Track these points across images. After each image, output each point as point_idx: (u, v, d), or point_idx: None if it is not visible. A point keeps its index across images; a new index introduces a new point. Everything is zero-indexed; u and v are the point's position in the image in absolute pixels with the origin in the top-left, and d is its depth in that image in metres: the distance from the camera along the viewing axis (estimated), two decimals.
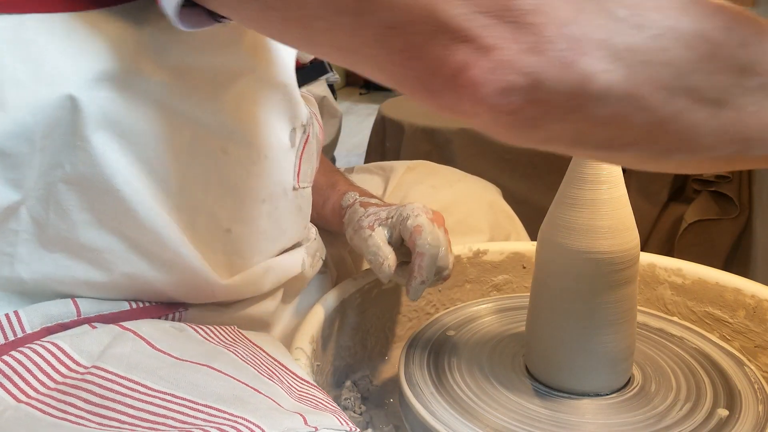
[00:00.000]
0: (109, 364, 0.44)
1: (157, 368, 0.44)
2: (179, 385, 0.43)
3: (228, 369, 0.46)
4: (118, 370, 0.43)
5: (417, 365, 0.59)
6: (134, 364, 0.44)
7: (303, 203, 0.62)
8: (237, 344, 0.51)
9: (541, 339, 0.57)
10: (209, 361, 0.46)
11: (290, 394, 0.46)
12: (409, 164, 0.92)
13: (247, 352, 0.50)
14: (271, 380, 0.47)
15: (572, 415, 0.53)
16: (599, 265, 0.53)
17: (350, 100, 4.54)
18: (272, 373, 0.49)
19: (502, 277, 0.78)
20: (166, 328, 0.49)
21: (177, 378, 0.43)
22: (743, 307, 0.67)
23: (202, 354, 0.47)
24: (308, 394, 0.47)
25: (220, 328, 0.52)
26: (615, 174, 0.53)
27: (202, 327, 0.51)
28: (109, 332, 0.48)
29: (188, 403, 0.41)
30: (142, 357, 0.45)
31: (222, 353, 0.48)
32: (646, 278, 0.73)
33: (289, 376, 0.50)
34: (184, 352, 0.47)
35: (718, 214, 1.30)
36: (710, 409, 0.54)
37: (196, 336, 0.50)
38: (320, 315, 0.63)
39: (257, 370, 0.48)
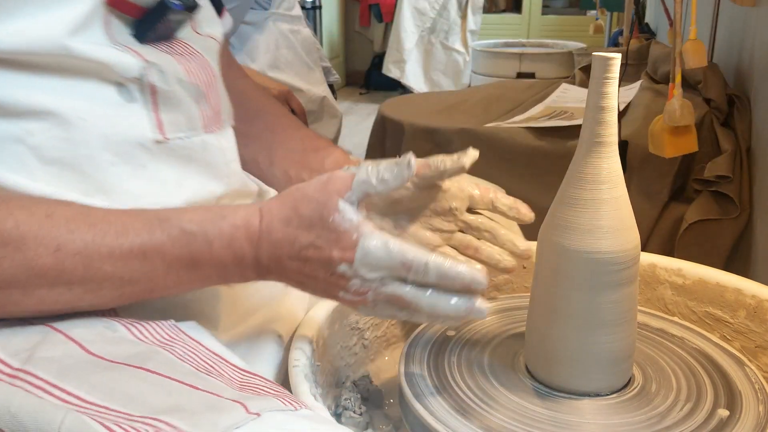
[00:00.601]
0: (39, 368, 0.44)
1: (90, 374, 0.44)
2: (113, 395, 0.42)
3: (164, 368, 0.45)
4: (48, 377, 0.43)
5: (417, 365, 0.59)
6: (66, 370, 0.44)
7: (196, 153, 0.59)
8: (174, 342, 0.50)
9: (541, 339, 0.57)
10: (144, 362, 0.46)
11: (231, 386, 0.46)
12: None
13: (185, 349, 0.50)
14: (209, 375, 0.47)
15: (572, 415, 0.53)
16: (599, 265, 0.53)
17: (350, 100, 4.54)
18: (211, 368, 0.48)
19: (502, 277, 0.78)
20: (99, 330, 0.49)
21: (111, 387, 0.43)
22: (744, 307, 0.67)
23: (136, 355, 0.47)
24: (250, 384, 0.47)
25: (155, 325, 0.51)
26: (615, 174, 0.53)
27: (136, 325, 0.51)
28: (39, 332, 0.48)
29: (123, 416, 0.41)
30: (73, 362, 0.45)
31: (157, 353, 0.48)
32: (647, 278, 0.73)
33: (230, 368, 0.50)
34: (117, 354, 0.46)
35: (719, 214, 1.30)
36: (711, 410, 0.54)
37: (129, 336, 0.50)
38: (320, 315, 0.63)
39: (195, 366, 0.48)
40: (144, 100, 0.56)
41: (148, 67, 0.55)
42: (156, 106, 0.57)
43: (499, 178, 1.06)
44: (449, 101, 1.97)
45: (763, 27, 1.27)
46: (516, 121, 1.70)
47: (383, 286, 0.50)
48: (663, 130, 1.14)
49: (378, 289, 0.50)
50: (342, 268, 0.49)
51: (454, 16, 4.01)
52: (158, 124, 0.57)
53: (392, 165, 0.51)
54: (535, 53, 3.25)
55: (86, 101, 0.53)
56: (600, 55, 0.51)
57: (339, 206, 0.49)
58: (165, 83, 0.57)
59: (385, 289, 0.50)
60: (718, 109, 1.37)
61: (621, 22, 2.84)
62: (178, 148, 0.58)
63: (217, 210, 0.52)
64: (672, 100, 1.11)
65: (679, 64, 1.11)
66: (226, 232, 0.51)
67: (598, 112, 0.52)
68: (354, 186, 0.50)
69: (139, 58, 0.55)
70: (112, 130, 0.54)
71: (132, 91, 0.55)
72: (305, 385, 0.52)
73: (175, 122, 0.58)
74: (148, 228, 0.49)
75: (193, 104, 0.59)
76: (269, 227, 0.51)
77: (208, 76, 0.62)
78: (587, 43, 3.39)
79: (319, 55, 1.80)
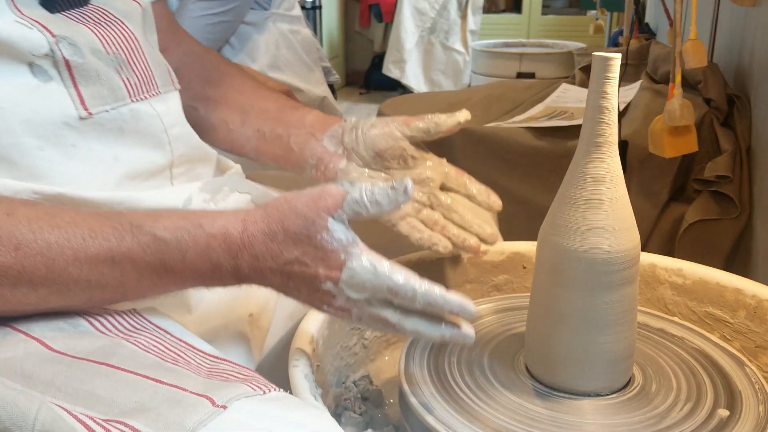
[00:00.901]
0: (4, 374, 0.44)
1: (55, 375, 0.43)
2: (78, 397, 0.42)
3: (127, 363, 0.45)
4: (15, 385, 0.43)
5: (417, 365, 0.59)
6: (29, 373, 0.44)
7: (128, 124, 0.58)
8: (137, 332, 0.50)
9: (541, 339, 0.57)
10: (106, 358, 0.45)
11: (198, 373, 0.46)
12: None
13: (150, 339, 0.49)
14: (175, 364, 0.46)
15: (572, 415, 0.53)
16: (599, 265, 0.53)
17: (350, 100, 4.54)
18: (177, 356, 0.48)
19: (502, 277, 0.78)
20: (60, 326, 0.49)
21: (76, 387, 0.43)
22: (744, 307, 0.67)
23: (99, 349, 0.46)
24: (218, 369, 0.47)
25: (118, 315, 0.51)
26: (615, 174, 0.53)
27: (98, 318, 0.50)
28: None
29: (89, 420, 0.40)
30: (36, 361, 0.45)
31: (121, 346, 0.47)
32: (647, 278, 0.73)
33: (198, 355, 0.49)
34: (80, 349, 0.46)
35: (719, 214, 1.30)
36: (711, 410, 0.54)
37: (91, 329, 0.49)
38: (320, 315, 0.63)
39: (160, 357, 0.47)
40: (60, 77, 0.54)
41: (58, 41, 0.54)
42: (74, 81, 0.55)
43: (499, 178, 1.07)
44: (449, 101, 1.97)
45: (763, 27, 1.27)
46: (516, 121, 1.69)
47: (369, 306, 0.49)
48: (663, 130, 1.14)
49: (363, 308, 0.49)
50: (327, 286, 0.49)
51: (454, 16, 4.01)
52: (80, 100, 0.55)
53: (388, 188, 0.49)
54: (535, 53, 3.25)
55: (0, 89, 0.52)
56: (600, 55, 0.51)
57: (328, 225, 0.48)
58: (79, 56, 0.55)
59: (371, 309, 0.49)
60: (718, 109, 1.37)
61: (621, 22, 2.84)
62: (106, 121, 0.56)
63: (195, 217, 0.50)
64: (672, 100, 1.11)
65: (679, 64, 1.11)
66: (202, 242, 0.49)
67: (598, 112, 0.52)
68: (345, 205, 0.48)
69: (47, 32, 0.53)
70: (34, 115, 0.53)
71: (47, 70, 0.54)
72: (305, 385, 0.52)
73: (97, 95, 0.56)
74: (118, 233, 0.48)
75: (114, 74, 0.57)
76: (252, 239, 0.49)
77: (129, 42, 0.59)
78: (587, 43, 3.38)
79: (319, 55, 1.79)
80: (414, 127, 0.68)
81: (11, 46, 0.52)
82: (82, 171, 0.55)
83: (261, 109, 0.76)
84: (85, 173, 0.55)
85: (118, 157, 0.57)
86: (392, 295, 0.48)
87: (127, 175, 0.57)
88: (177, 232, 0.49)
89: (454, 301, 0.48)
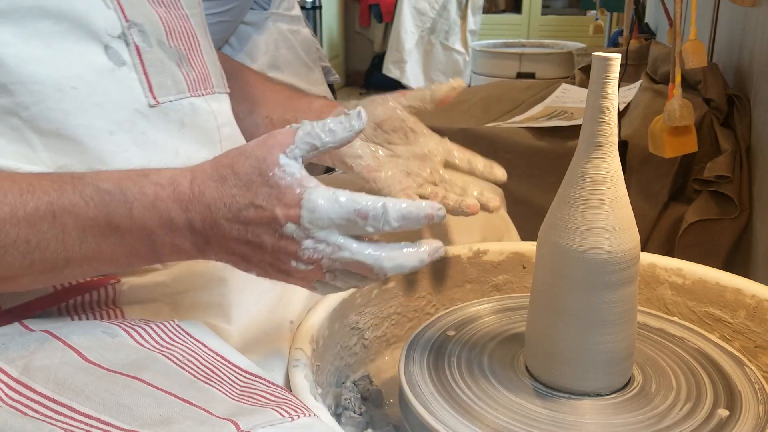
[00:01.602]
0: (36, 380, 0.43)
1: (85, 384, 0.43)
2: (105, 405, 0.42)
3: (158, 380, 0.44)
4: (45, 390, 0.43)
5: (417, 365, 0.59)
6: (62, 381, 0.43)
7: (188, 118, 0.57)
8: (174, 344, 0.49)
9: (541, 339, 0.57)
10: (139, 372, 0.44)
11: (230, 394, 0.45)
12: None
13: (185, 352, 0.48)
14: (208, 382, 0.46)
15: (572, 415, 0.53)
16: (599, 265, 0.53)
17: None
18: (211, 372, 0.47)
19: (502, 277, 0.78)
20: (98, 336, 0.47)
21: (104, 397, 0.42)
22: (743, 307, 0.67)
23: (134, 362, 0.45)
24: (251, 390, 0.46)
25: (156, 326, 0.50)
26: (615, 174, 0.53)
27: (136, 327, 0.49)
28: (37, 339, 0.46)
29: (112, 429, 0.40)
30: (70, 371, 0.44)
31: (155, 360, 0.46)
32: (647, 278, 0.73)
33: (232, 371, 0.48)
34: (115, 361, 0.45)
35: (719, 214, 1.30)
36: (710, 410, 0.54)
37: (129, 341, 0.48)
38: (320, 315, 0.63)
39: (193, 373, 0.46)
40: (132, 62, 0.53)
41: (130, 26, 0.53)
42: (144, 68, 0.54)
43: None
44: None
45: (762, 27, 1.27)
46: (516, 121, 1.69)
47: (339, 252, 0.45)
48: (663, 130, 1.14)
49: (333, 255, 0.45)
50: (289, 229, 0.44)
51: (454, 17, 4.01)
52: (149, 87, 0.54)
53: (341, 116, 0.46)
54: (534, 53, 3.25)
55: (76, 68, 0.51)
56: (600, 56, 0.51)
57: (279, 161, 0.44)
58: (147, 44, 0.54)
59: (342, 255, 0.45)
60: (718, 109, 1.37)
61: (621, 23, 2.84)
62: (170, 111, 0.55)
63: (141, 172, 0.47)
64: (672, 100, 1.11)
65: (678, 64, 1.11)
66: (149, 192, 0.45)
67: (597, 112, 0.52)
68: (297, 139, 0.45)
69: (122, 15, 0.53)
70: (106, 98, 0.52)
71: (120, 53, 0.53)
72: (305, 385, 0.52)
73: (163, 84, 0.55)
74: (59, 186, 0.45)
75: (175, 66, 0.57)
76: (201, 187, 0.46)
77: (190, 38, 0.59)
78: (587, 43, 3.38)
79: (319, 55, 1.79)
80: (410, 96, 0.70)
81: (90, 23, 0.51)
82: (147, 161, 0.53)
83: (269, 98, 0.76)
84: (150, 163, 0.53)
85: (178, 151, 0.56)
86: (362, 219, 0.44)
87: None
88: (120, 183, 0.45)
89: (426, 204, 0.45)
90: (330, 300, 0.65)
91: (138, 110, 0.53)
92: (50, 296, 0.49)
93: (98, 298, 0.51)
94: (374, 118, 0.70)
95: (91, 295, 0.51)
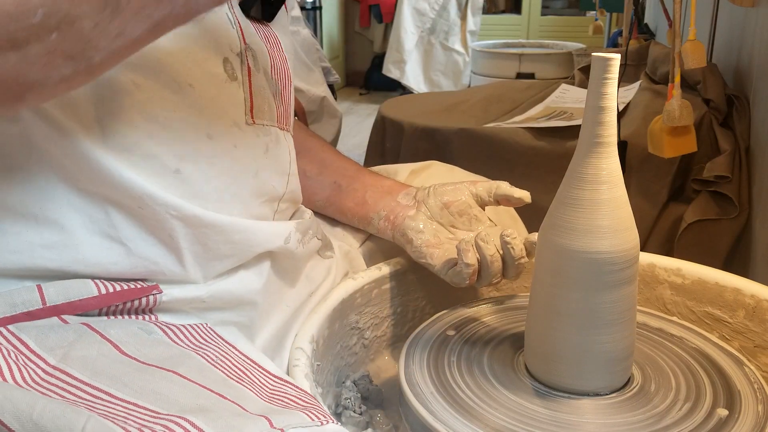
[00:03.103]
0: (74, 368, 0.44)
1: (122, 374, 0.44)
2: (143, 393, 0.42)
3: (193, 375, 0.45)
4: (83, 376, 0.43)
5: (417, 365, 0.59)
6: (99, 370, 0.44)
7: (272, 144, 0.59)
8: (208, 345, 0.50)
9: (541, 339, 0.57)
10: (175, 366, 0.45)
11: (260, 395, 0.45)
12: (414, 167, 0.92)
13: (218, 353, 0.49)
14: (240, 383, 0.46)
15: (572, 415, 0.53)
16: (599, 265, 0.53)
17: (350, 100, 4.54)
18: (242, 374, 0.48)
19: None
20: (134, 331, 0.48)
21: (141, 386, 0.43)
22: (743, 307, 0.67)
23: (169, 358, 0.46)
24: (280, 393, 0.47)
25: (191, 328, 0.51)
26: (615, 174, 0.53)
27: (171, 327, 0.50)
28: (75, 331, 0.47)
29: (150, 413, 0.41)
30: (107, 362, 0.45)
31: (189, 357, 0.47)
32: (646, 278, 0.73)
33: (262, 374, 0.49)
34: (151, 356, 0.46)
35: (718, 214, 1.30)
36: (710, 409, 0.54)
37: (164, 338, 0.49)
38: (320, 315, 0.63)
39: (226, 372, 0.47)
40: (242, 80, 0.56)
41: (247, 49, 0.56)
42: (251, 88, 0.57)
43: (499, 178, 1.06)
44: (449, 101, 1.97)
45: (762, 27, 1.28)
46: (515, 121, 1.70)
47: None
48: (662, 131, 1.14)
49: None
50: None
51: (454, 17, 4.01)
52: (250, 106, 0.57)
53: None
54: (534, 54, 3.26)
55: (196, 69, 0.53)
56: (599, 56, 0.51)
57: None
58: (256, 69, 0.57)
59: None
60: (717, 109, 1.37)
61: (620, 23, 2.84)
62: (261, 134, 0.58)
63: None
64: (671, 101, 1.11)
65: (678, 65, 1.11)
66: None
67: (597, 112, 0.52)
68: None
69: (240, 36, 0.56)
70: (214, 104, 0.54)
71: (235, 69, 0.55)
72: (305, 384, 0.52)
73: (260, 108, 0.58)
74: None
75: (272, 97, 0.60)
76: None
77: (285, 77, 0.63)
78: (586, 43, 3.39)
79: (319, 56, 1.80)
80: (481, 186, 0.73)
81: (217, 35, 0.53)
82: (229, 172, 0.55)
83: (340, 166, 0.79)
84: (231, 175, 0.55)
85: (258, 173, 0.58)
86: None
87: (256, 193, 0.58)
88: None
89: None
90: (330, 300, 0.65)
91: (236, 124, 0.56)
92: (94, 299, 0.50)
93: (138, 306, 0.52)
94: (442, 197, 0.72)
95: (133, 303, 0.51)
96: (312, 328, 0.61)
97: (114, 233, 0.50)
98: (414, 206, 0.72)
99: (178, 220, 0.51)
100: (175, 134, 0.51)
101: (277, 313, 0.62)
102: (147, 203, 0.50)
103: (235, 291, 0.57)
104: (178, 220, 0.51)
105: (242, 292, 0.57)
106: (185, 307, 0.54)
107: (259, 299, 0.59)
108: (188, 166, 0.52)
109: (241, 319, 0.58)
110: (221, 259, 0.55)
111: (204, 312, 0.55)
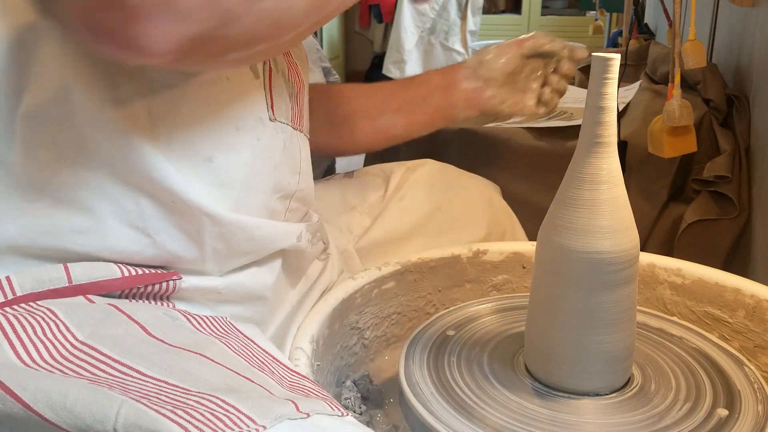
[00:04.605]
0: (103, 344, 0.44)
1: (151, 354, 0.44)
2: (172, 372, 0.43)
3: (220, 358, 0.46)
4: (111, 353, 0.44)
5: (417, 365, 0.59)
6: (128, 348, 0.44)
7: (288, 142, 0.61)
8: (228, 335, 0.51)
9: (541, 339, 0.57)
10: (202, 350, 0.46)
11: (281, 384, 0.46)
12: (409, 165, 0.92)
13: (239, 343, 0.50)
14: (262, 372, 0.47)
15: (572, 415, 0.53)
16: (599, 265, 0.53)
17: None
18: (263, 365, 0.49)
19: (502, 277, 0.78)
20: (159, 315, 0.49)
21: (170, 365, 0.44)
22: (743, 307, 0.67)
23: (194, 343, 0.47)
24: (299, 385, 0.47)
25: (212, 319, 0.52)
26: (615, 174, 0.53)
27: (195, 316, 0.51)
28: (103, 311, 0.48)
29: (180, 390, 0.41)
30: (136, 341, 0.45)
31: (214, 343, 0.48)
32: (646, 278, 0.73)
33: (280, 367, 0.50)
34: (177, 339, 0.47)
35: (718, 214, 1.30)
36: (710, 409, 0.54)
37: (188, 325, 0.50)
38: (320, 315, 0.63)
39: (248, 361, 0.48)
40: (264, 78, 0.58)
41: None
42: (271, 87, 0.59)
43: (499, 178, 1.06)
44: None
45: (762, 27, 1.28)
46: (516, 121, 1.69)
47: None
48: (662, 131, 1.14)
49: None
50: None
51: (454, 17, 4.01)
52: (271, 104, 0.59)
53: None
54: None
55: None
56: (599, 56, 0.51)
57: None
58: (275, 70, 0.60)
59: None
60: (717, 109, 1.37)
61: (620, 23, 2.84)
62: (280, 131, 0.60)
63: None
64: (671, 101, 1.11)
65: (678, 65, 1.11)
66: None
67: (597, 112, 0.52)
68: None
69: None
70: (241, 97, 0.56)
71: (258, 68, 0.58)
72: None
73: (279, 107, 0.60)
74: None
75: (288, 97, 0.62)
76: None
77: (299, 82, 0.65)
78: (587, 43, 3.38)
79: (319, 56, 1.80)
80: (526, 46, 0.89)
81: None
82: (253, 164, 0.57)
83: (386, 96, 0.88)
84: (255, 167, 0.57)
85: (277, 167, 0.59)
86: None
87: (273, 188, 0.60)
88: None
89: None
90: (330, 300, 0.65)
91: (260, 119, 0.58)
92: (118, 280, 0.51)
93: (159, 290, 0.53)
94: (505, 71, 0.87)
95: (153, 287, 0.53)
96: (312, 328, 0.61)
97: (142, 224, 0.51)
98: (485, 86, 0.87)
99: (206, 216, 0.53)
100: (210, 124, 0.54)
101: (281, 311, 0.64)
102: (180, 197, 0.51)
103: (248, 284, 0.58)
104: (207, 216, 0.53)
105: (255, 286, 0.59)
106: (200, 297, 0.55)
107: (270, 295, 0.61)
108: (219, 155, 0.54)
109: (251, 314, 0.59)
110: (239, 256, 0.57)
111: (217, 304, 0.57)
